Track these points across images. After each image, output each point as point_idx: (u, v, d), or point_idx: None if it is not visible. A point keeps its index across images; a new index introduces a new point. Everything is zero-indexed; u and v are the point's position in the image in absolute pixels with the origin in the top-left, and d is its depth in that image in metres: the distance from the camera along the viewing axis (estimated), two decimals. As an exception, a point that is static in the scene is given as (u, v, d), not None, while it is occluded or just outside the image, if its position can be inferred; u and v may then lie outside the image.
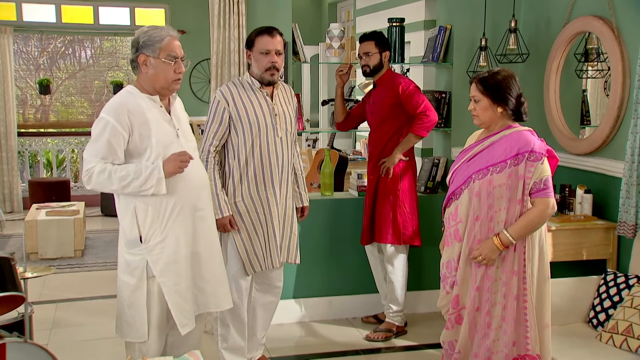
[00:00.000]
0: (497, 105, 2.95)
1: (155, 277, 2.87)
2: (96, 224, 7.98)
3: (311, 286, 4.63)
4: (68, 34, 9.63)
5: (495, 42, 4.63)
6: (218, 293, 3.07)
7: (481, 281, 2.96)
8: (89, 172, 2.78)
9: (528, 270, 2.93)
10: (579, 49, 4.21)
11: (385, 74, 4.26)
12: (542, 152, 2.90)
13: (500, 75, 2.97)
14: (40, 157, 9.37)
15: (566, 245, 3.85)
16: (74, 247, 6.42)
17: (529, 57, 4.52)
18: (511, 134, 2.95)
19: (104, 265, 6.14)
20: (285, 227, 3.65)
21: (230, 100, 3.50)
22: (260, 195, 3.54)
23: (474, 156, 3.03)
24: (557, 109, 4.38)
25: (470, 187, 2.98)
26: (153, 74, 2.86)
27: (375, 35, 4.25)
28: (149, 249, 2.86)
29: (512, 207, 2.91)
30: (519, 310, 2.93)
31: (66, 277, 5.77)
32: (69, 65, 10.25)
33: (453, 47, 4.73)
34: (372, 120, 4.34)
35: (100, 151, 2.78)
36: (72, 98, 10.05)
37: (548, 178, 2.91)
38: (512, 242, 2.89)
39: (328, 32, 4.67)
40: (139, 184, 2.78)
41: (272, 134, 3.53)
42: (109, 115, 2.77)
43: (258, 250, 3.56)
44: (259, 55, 3.49)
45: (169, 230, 2.88)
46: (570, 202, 4.06)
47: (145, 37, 2.83)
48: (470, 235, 2.98)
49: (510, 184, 2.90)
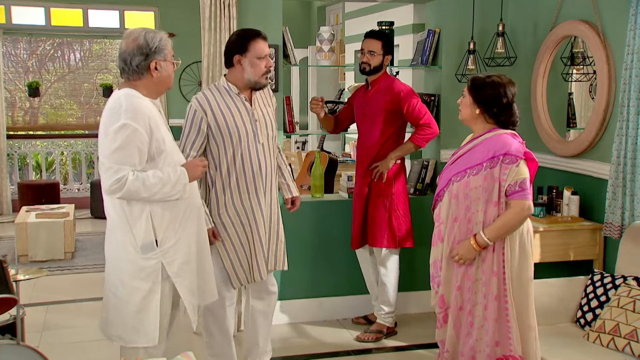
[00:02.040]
0: (476, 106, 3.02)
1: (171, 278, 2.87)
2: (86, 226, 7.94)
3: (301, 287, 4.64)
4: (57, 37, 9.62)
5: (484, 46, 4.67)
6: (212, 286, 3.14)
7: (462, 281, 3.01)
8: (121, 180, 2.70)
9: (507, 272, 2.97)
10: (565, 52, 4.25)
11: (382, 76, 4.22)
12: (519, 155, 2.93)
13: (490, 79, 3.01)
14: (29, 159, 9.32)
15: (554, 246, 3.88)
16: (64, 249, 6.39)
17: (516, 60, 4.56)
18: (491, 137, 3.00)
19: (94, 267, 6.11)
20: (272, 235, 3.56)
21: (208, 109, 3.34)
22: (244, 205, 3.43)
23: (456, 159, 3.11)
24: (544, 112, 4.42)
25: (449, 189, 3.06)
26: (165, 76, 2.85)
27: (384, 36, 4.21)
28: (164, 252, 2.85)
29: (489, 209, 2.95)
30: (500, 310, 2.97)
31: (56, 280, 5.74)
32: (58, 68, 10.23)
33: (442, 50, 4.76)
34: (363, 121, 4.27)
35: (129, 158, 2.71)
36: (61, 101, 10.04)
37: (524, 180, 2.94)
38: (488, 243, 2.93)
39: (318, 35, 4.68)
40: (168, 190, 2.78)
41: (253, 141, 3.40)
42: (133, 121, 2.70)
43: (244, 262, 3.47)
44: (256, 60, 3.34)
45: (182, 231, 2.89)
46: (558, 204, 4.10)
47: (155, 42, 2.79)
48: (450, 236, 3.04)
49: (487, 186, 2.95)
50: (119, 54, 2.85)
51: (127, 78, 2.82)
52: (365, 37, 4.22)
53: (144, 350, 2.90)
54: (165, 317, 2.93)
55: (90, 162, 9.81)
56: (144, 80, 2.83)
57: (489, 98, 2.98)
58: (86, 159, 9.49)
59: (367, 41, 4.19)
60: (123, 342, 2.92)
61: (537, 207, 4.04)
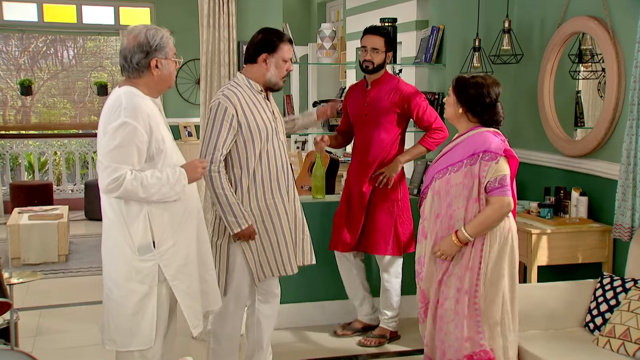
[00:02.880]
0: (460, 105, 3.13)
1: (167, 281, 2.87)
2: (80, 228, 7.93)
3: (302, 291, 4.64)
4: (50, 34, 9.59)
5: (489, 43, 4.67)
6: (215, 291, 3.15)
7: (442, 276, 3.15)
8: (118, 179, 2.69)
9: (483, 268, 3.07)
10: (573, 49, 4.26)
11: (384, 75, 4.14)
12: (498, 152, 3.04)
13: (474, 80, 3.13)
14: (21, 159, 9.31)
15: (561, 248, 3.88)
16: (58, 252, 6.38)
17: (523, 57, 4.56)
18: (472, 135, 3.12)
19: (89, 270, 6.11)
20: (297, 231, 3.60)
21: (239, 105, 3.36)
22: (267, 203, 3.46)
23: (441, 157, 3.23)
24: (552, 111, 4.42)
25: (432, 187, 3.20)
26: (166, 75, 2.85)
27: (387, 32, 4.13)
28: (161, 254, 2.84)
29: (470, 206, 3.07)
30: (470, 305, 3.07)
31: (50, 283, 5.73)
32: (51, 66, 10.19)
33: (446, 47, 4.77)
34: (363, 122, 4.16)
35: (128, 157, 2.71)
36: (54, 99, 9.99)
37: (504, 177, 3.04)
38: (469, 238, 3.06)
39: (319, 33, 4.68)
40: (167, 191, 2.78)
41: (275, 137, 3.47)
42: (133, 119, 2.70)
43: (270, 256, 3.49)
44: (281, 62, 3.41)
45: (180, 233, 2.89)
46: (566, 205, 4.10)
47: (157, 40, 2.79)
48: (432, 233, 3.18)
49: (467, 183, 3.07)
50: (119, 50, 2.85)
51: (128, 76, 2.83)
52: (366, 33, 4.12)
53: (139, 354, 2.89)
54: (162, 322, 2.92)
55: (84, 163, 9.80)
56: (145, 78, 2.83)
57: (473, 98, 3.10)
58: (80, 159, 9.49)
59: (370, 37, 4.08)
60: (116, 346, 2.91)
61: (545, 208, 4.04)
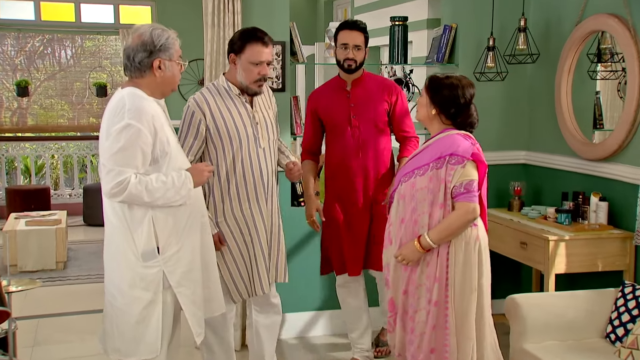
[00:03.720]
0: (433, 107, 3.11)
1: (172, 288, 2.88)
2: (78, 234, 7.95)
3: (309, 299, 4.63)
4: (47, 33, 9.63)
5: (504, 42, 4.65)
6: (218, 297, 3.16)
7: (406, 285, 3.13)
8: (122, 183, 2.69)
9: (450, 278, 3.04)
10: (592, 48, 4.24)
11: (365, 74, 3.91)
12: (465, 156, 3.01)
13: (449, 80, 3.12)
14: (17, 163, 9.33)
15: (580, 256, 3.86)
16: (56, 258, 6.40)
17: (539, 57, 4.54)
18: (442, 137, 3.11)
19: (88, 278, 6.11)
20: (273, 246, 3.53)
21: (207, 110, 3.32)
22: (244, 213, 3.41)
23: (409, 160, 3.23)
24: (569, 112, 4.41)
25: (398, 190, 3.19)
26: (168, 77, 2.86)
27: (364, 28, 3.86)
28: (166, 260, 2.85)
29: (435, 211, 3.05)
30: (439, 317, 3.05)
31: (48, 291, 5.74)
32: (48, 66, 10.24)
33: (459, 47, 4.75)
34: (351, 127, 3.83)
35: (132, 160, 2.71)
36: (52, 100, 10.04)
37: (471, 182, 3.02)
38: (432, 245, 3.03)
39: (327, 32, 4.69)
40: (172, 195, 2.79)
41: (253, 145, 3.39)
42: (137, 121, 2.71)
43: (244, 274, 3.46)
44: (249, 65, 3.30)
45: (185, 239, 2.90)
46: (584, 211, 4.08)
47: (162, 40, 2.81)
48: (397, 238, 3.16)
49: (432, 187, 3.05)
50: (123, 49, 2.88)
51: (130, 76, 2.84)
52: (345, 28, 3.86)
53: None
54: (167, 330, 2.93)
55: (83, 166, 9.81)
56: (147, 78, 2.84)
57: (447, 98, 3.09)
58: (78, 163, 9.51)
59: (351, 34, 3.82)
60: (120, 355, 2.91)
61: (563, 214, 4.03)
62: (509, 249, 4.22)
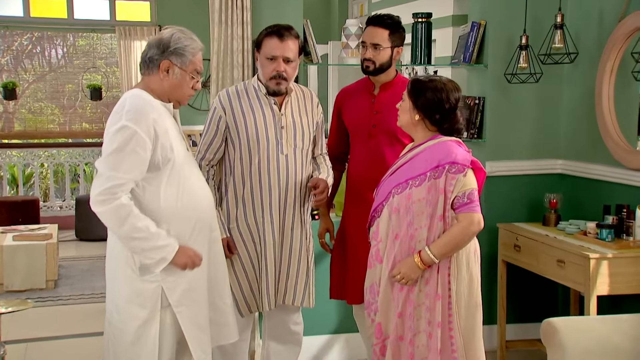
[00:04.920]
0: (416, 112, 3.13)
1: (172, 307, 2.88)
2: (70, 250, 7.96)
3: (325, 322, 4.62)
4: (37, 30, 9.69)
5: (538, 40, 4.63)
6: (229, 322, 3.15)
7: (403, 307, 3.08)
8: (106, 194, 2.73)
9: (454, 295, 3.04)
10: (637, 47, 4.21)
11: (397, 78, 3.78)
12: (465, 164, 3.04)
13: (433, 84, 3.13)
14: (4, 172, 9.37)
15: (625, 275, 3.82)
16: (46, 277, 6.39)
17: (577, 57, 4.53)
18: (434, 145, 3.11)
19: (81, 298, 6.11)
20: (288, 263, 3.51)
21: (228, 107, 3.44)
22: (257, 221, 3.45)
23: (396, 169, 3.21)
24: (611, 117, 4.38)
25: (389, 203, 3.15)
26: (173, 84, 2.93)
27: (391, 23, 3.69)
28: (165, 275, 2.86)
29: (434, 225, 3.04)
30: (445, 339, 3.03)
31: (37, 312, 5.73)
32: (38, 66, 10.32)
33: (488, 45, 4.74)
34: (370, 135, 3.72)
35: (123, 164, 2.75)
36: (41, 104, 10.10)
37: (472, 191, 3.05)
38: (435, 260, 3.02)
39: (344, 30, 4.67)
40: (144, 247, 2.79)
41: (274, 150, 3.42)
42: (134, 123, 2.76)
43: (254, 286, 3.49)
44: (265, 60, 3.41)
45: None
46: (629, 226, 4.05)
47: (179, 44, 2.89)
48: (390, 256, 3.12)
49: (430, 199, 3.04)
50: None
51: (141, 72, 2.95)
52: (367, 24, 3.76)
53: None
54: (167, 354, 2.92)
55: (75, 176, 9.85)
56: (154, 77, 2.91)
57: (430, 103, 3.10)
58: (70, 172, 9.54)
59: (369, 30, 3.71)
60: None
61: (604, 229, 3.99)
62: (544, 267, 4.19)
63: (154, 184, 2.86)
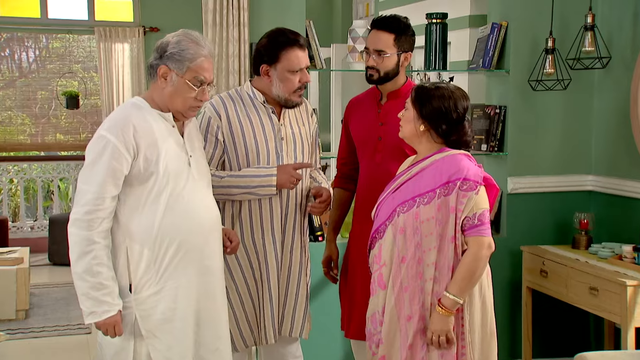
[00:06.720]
0: (421, 122, 3.12)
1: (144, 337, 2.90)
2: (42, 275, 7.94)
3: (330, 354, 4.63)
4: (5, 31, 9.69)
5: (566, 43, 4.66)
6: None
7: (414, 338, 3.07)
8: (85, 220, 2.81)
9: (467, 324, 3.06)
10: (675, 51, 4.25)
11: (406, 85, 3.63)
12: (478, 181, 3.05)
13: (439, 91, 3.12)
14: (-32, 189, 9.37)
15: (666, 305, 3.83)
16: (16, 306, 6.35)
17: (610, 61, 4.55)
18: (442, 158, 3.11)
19: (55, 329, 6.08)
20: (290, 289, 3.53)
21: (224, 115, 3.41)
22: (255, 243, 3.44)
23: (400, 186, 3.19)
24: (648, 129, 4.40)
25: (394, 223, 3.14)
26: (171, 93, 2.95)
27: (397, 27, 3.55)
28: (139, 302, 2.89)
29: (444, 246, 3.05)
30: None
31: (6, 346, 5.70)
32: (6, 71, 10.31)
33: (510, 49, 4.77)
34: (375, 150, 3.63)
35: (96, 177, 2.81)
36: (10, 113, 10.07)
37: (484, 212, 3.05)
38: (458, 300, 3.02)
39: (350, 32, 4.70)
40: (85, 293, 2.82)
41: (274, 163, 3.43)
42: (110, 133, 2.83)
43: (251, 318, 3.47)
44: (287, 74, 3.35)
45: (167, 279, 2.91)
46: (669, 249, 4.06)
47: (177, 48, 2.91)
48: (395, 281, 3.11)
49: (441, 218, 3.05)
50: None
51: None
52: (371, 27, 3.64)
53: None
54: None
55: (48, 193, 9.83)
56: (156, 84, 2.97)
57: (437, 112, 3.09)
58: (43, 189, 9.53)
59: (373, 35, 3.58)
60: None
61: (642, 253, 4.01)
62: (575, 296, 4.19)
63: (133, 199, 2.89)
